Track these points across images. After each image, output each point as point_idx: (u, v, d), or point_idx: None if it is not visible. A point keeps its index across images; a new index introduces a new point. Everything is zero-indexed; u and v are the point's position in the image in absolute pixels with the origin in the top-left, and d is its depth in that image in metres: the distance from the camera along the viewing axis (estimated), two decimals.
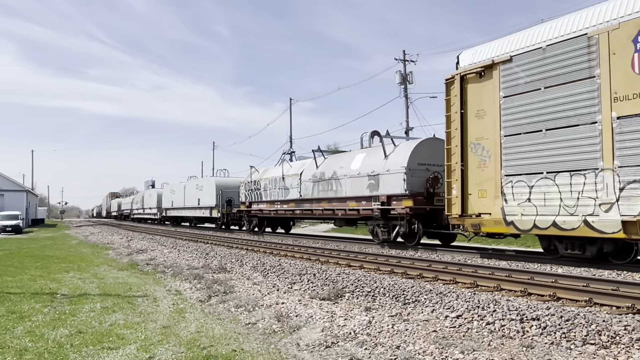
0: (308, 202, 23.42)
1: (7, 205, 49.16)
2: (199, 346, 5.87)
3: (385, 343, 5.92)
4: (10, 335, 6.39)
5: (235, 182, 35.09)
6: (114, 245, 23.22)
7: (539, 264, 12.56)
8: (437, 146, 17.65)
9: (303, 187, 23.83)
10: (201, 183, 38.68)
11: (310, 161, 24.26)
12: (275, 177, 26.80)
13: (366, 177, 19.43)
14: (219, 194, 34.16)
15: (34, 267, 14.19)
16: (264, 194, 27.83)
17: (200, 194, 37.75)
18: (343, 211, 20.63)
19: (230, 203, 33.79)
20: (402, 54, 34.51)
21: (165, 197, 48.14)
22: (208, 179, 37.44)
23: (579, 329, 5.94)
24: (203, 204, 36.96)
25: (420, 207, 17.34)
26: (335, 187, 21.29)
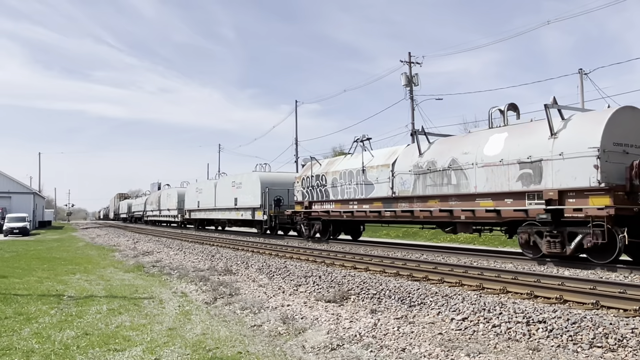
0: (406, 201, 17.71)
1: (14, 208, 49.44)
2: (204, 348, 5.89)
3: (390, 345, 5.91)
4: (17, 337, 6.43)
5: (285, 177, 30.13)
6: (120, 248, 23.30)
7: (546, 266, 12.50)
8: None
9: (398, 181, 18.05)
10: (240, 179, 31.83)
11: (406, 148, 18.92)
12: (349, 169, 21.05)
13: (515, 165, 13.72)
14: (264, 192, 27.96)
15: (41, 269, 14.26)
16: (331, 192, 22.07)
17: (239, 192, 31.31)
18: (469, 213, 15.04)
19: (279, 203, 27.89)
20: (408, 56, 34.46)
21: (189, 197, 41.55)
22: (250, 174, 30.66)
23: (586, 332, 5.90)
24: (242, 204, 30.72)
25: (623, 208, 11.86)
26: (456, 180, 15.57)
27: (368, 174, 19.81)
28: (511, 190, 13.87)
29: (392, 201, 18.47)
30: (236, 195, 31.70)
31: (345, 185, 21.22)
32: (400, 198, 18.06)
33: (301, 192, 24.79)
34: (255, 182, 29.29)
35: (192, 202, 40.87)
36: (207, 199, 36.92)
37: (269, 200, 27.85)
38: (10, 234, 37.45)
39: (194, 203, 40.12)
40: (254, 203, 29.16)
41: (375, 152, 20.56)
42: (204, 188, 38.59)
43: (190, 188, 43.01)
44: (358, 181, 20.40)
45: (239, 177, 32.47)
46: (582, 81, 27.95)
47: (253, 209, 29.46)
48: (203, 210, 38.23)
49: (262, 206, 28.26)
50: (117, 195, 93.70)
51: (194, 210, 40.57)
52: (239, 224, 33.87)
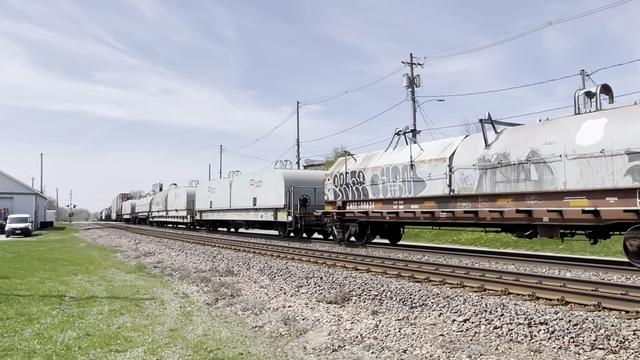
0: (468, 200, 15.24)
1: (16, 208, 49.53)
2: (206, 349, 5.89)
3: (392, 347, 5.90)
4: (19, 338, 6.44)
5: (312, 175, 27.98)
6: (122, 248, 23.33)
7: (547, 267, 12.49)
8: None
9: (457, 177, 15.61)
10: (259, 177, 29.00)
11: (466, 139, 16.42)
12: (393, 165, 18.52)
13: (622, 155, 11.44)
14: (288, 191, 25.23)
15: (43, 270, 14.28)
16: (371, 190, 19.44)
17: (258, 191, 28.62)
18: (555, 214, 12.80)
19: (305, 203, 25.26)
20: (410, 57, 34.47)
21: (201, 197, 38.50)
22: (272, 171, 28.09)
23: (588, 334, 5.89)
24: (263, 205, 27.99)
25: None
26: (537, 175, 13.25)
27: (418, 170, 17.26)
28: (616, 187, 11.50)
29: (449, 200, 15.88)
30: (255, 194, 28.91)
31: (389, 183, 18.61)
32: (460, 197, 15.49)
33: (333, 191, 21.97)
34: (278, 180, 26.37)
35: (203, 202, 37.85)
36: (221, 198, 33.96)
37: (294, 200, 24.96)
38: (12, 235, 37.51)
39: (206, 203, 37.14)
40: (276, 203, 26.40)
41: (425, 144, 18.05)
42: (217, 187, 35.58)
43: (201, 187, 39.84)
44: (405, 178, 17.81)
45: (258, 175, 29.50)
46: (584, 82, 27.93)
47: (275, 210, 26.70)
48: (216, 210, 35.25)
49: (286, 206, 25.45)
50: (120, 196, 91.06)
51: (205, 211, 37.55)
52: (257, 225, 30.69)
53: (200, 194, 38.92)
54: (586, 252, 17.47)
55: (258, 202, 28.61)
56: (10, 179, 54.23)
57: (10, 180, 54.09)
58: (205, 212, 37.58)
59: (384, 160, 19.45)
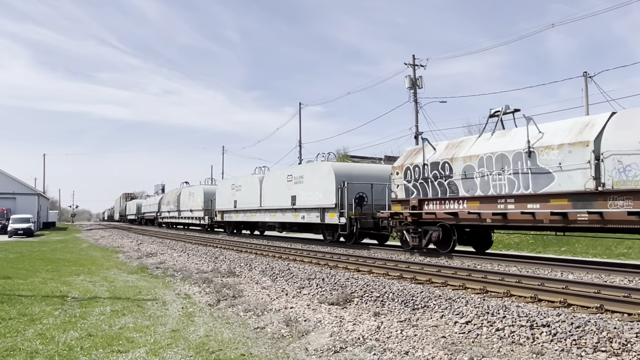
0: (630, 198, 11.52)
1: (19, 209, 49.63)
2: (207, 350, 5.89)
3: (394, 349, 5.90)
4: (21, 338, 6.45)
5: (369, 169, 23.45)
6: (124, 249, 23.36)
7: (550, 269, 12.47)
8: None
9: (609, 166, 11.88)
10: (301, 172, 24.74)
11: (618, 115, 12.41)
12: (499, 152, 14.65)
13: None
14: (340, 187, 20.99)
15: (45, 270, 14.31)
16: (463, 185, 15.62)
17: (299, 188, 24.37)
18: None
19: (361, 202, 21.16)
20: (412, 58, 34.49)
21: (222, 196, 34.17)
22: (317, 164, 23.59)
23: (590, 336, 5.88)
24: (305, 204, 23.71)
25: None
26: None
27: (540, 158, 13.47)
28: None
29: (593, 198, 12.23)
30: (294, 192, 24.65)
31: (491, 176, 14.78)
32: (615, 193, 11.78)
33: (404, 187, 17.80)
34: (326, 174, 21.97)
35: (225, 201, 33.48)
36: (249, 197, 29.93)
37: (348, 199, 20.72)
38: (14, 235, 37.58)
39: (228, 203, 32.76)
40: (323, 202, 22.06)
41: (545, 126, 14.06)
42: (243, 184, 31.21)
43: (223, 185, 35.54)
44: (518, 169, 13.99)
45: (298, 169, 25.38)
46: (587, 84, 27.94)
47: (322, 210, 22.26)
48: (242, 211, 31.04)
49: (337, 206, 21.04)
50: (123, 195, 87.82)
51: (228, 212, 33.19)
52: (294, 228, 26.74)
53: (221, 193, 34.63)
54: (588, 254, 17.44)
55: (298, 201, 24.32)
56: (13, 180, 54.34)
57: (12, 180, 54.20)
58: (228, 213, 33.33)
59: (481, 147, 15.55)
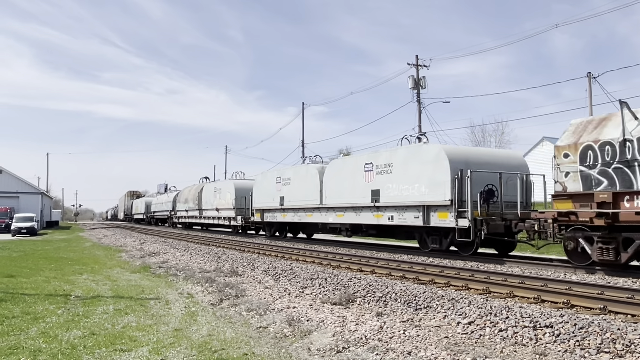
0: None
1: (22, 208, 49.78)
2: (210, 349, 5.90)
3: (396, 349, 5.90)
4: (24, 336, 6.47)
5: (497, 156, 17.86)
6: (127, 248, 23.40)
7: (553, 270, 12.44)
8: None
9: None
10: (389, 158, 18.53)
11: None
12: None
13: None
14: (458, 177, 15.41)
15: (48, 269, 14.35)
16: None
17: (384, 180, 18.49)
18: None
19: (490, 198, 15.48)
20: (415, 58, 34.46)
21: (262, 191, 28.48)
22: (419, 147, 17.73)
23: (593, 337, 5.87)
24: (394, 200, 17.94)
25: None
26: None
27: None
28: None
29: None
30: (377, 184, 18.77)
31: None
32: None
33: (581, 176, 12.61)
34: (434, 159, 16.35)
35: (266, 197, 28.00)
36: (303, 192, 24.39)
37: (472, 194, 14.92)
38: (18, 234, 37.69)
39: (272, 199, 27.24)
40: (429, 197, 16.36)
41: None
42: (294, 177, 25.65)
43: (264, 178, 29.25)
44: None
45: (386, 155, 18.78)
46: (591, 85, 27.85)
47: (425, 208, 16.53)
48: (291, 209, 25.52)
49: (452, 203, 15.48)
50: (128, 194, 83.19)
51: (271, 210, 27.62)
52: (373, 232, 20.61)
53: (261, 188, 28.87)
54: None
55: (383, 196, 18.49)
56: (17, 179, 54.52)
57: (16, 179, 54.38)
58: (271, 212, 27.71)
59: None
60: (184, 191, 47.27)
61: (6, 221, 42.60)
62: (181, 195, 47.16)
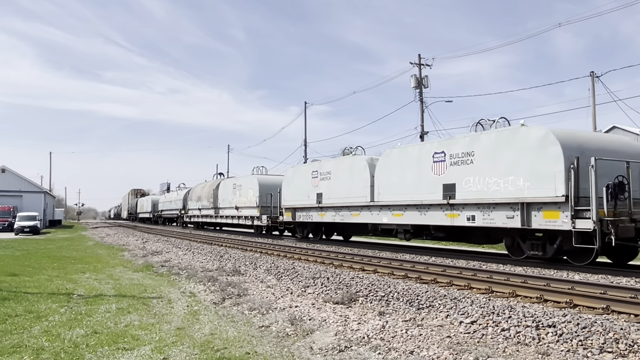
0: None
1: (25, 206, 49.87)
2: (212, 348, 5.90)
3: (398, 348, 5.89)
4: (27, 335, 6.48)
5: (617, 141, 14.97)
6: (130, 247, 23.43)
7: (556, 270, 12.41)
8: None
9: None
10: (466, 146, 15.29)
11: None
12: None
13: None
14: (574, 167, 12.29)
15: (51, 268, 14.38)
16: None
17: (461, 172, 15.27)
18: None
19: (620, 193, 12.24)
20: (418, 57, 34.39)
21: (294, 187, 25.26)
22: (513, 130, 14.19)
23: (596, 337, 5.85)
24: (476, 197, 14.73)
25: None
26: None
27: None
28: None
29: None
30: (450, 178, 15.52)
31: None
32: None
33: None
34: (538, 145, 13.18)
35: (299, 194, 24.70)
36: (347, 188, 20.95)
37: (597, 189, 11.73)
38: (21, 233, 37.78)
39: (307, 196, 23.89)
40: (531, 192, 13.22)
41: None
42: (335, 170, 22.21)
43: (296, 173, 25.75)
44: None
45: (461, 143, 15.41)
46: (594, 84, 27.77)
47: (525, 206, 13.42)
48: (332, 208, 22.14)
49: (568, 199, 12.23)
50: (132, 192, 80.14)
51: (306, 209, 24.32)
52: (441, 234, 17.20)
53: (292, 184, 25.58)
54: None
55: (461, 192, 15.09)
56: (20, 178, 54.66)
57: (19, 178, 54.51)
58: (306, 211, 24.40)
59: None
60: (196, 188, 43.74)
61: (9, 220, 42.73)
62: (193, 192, 43.64)
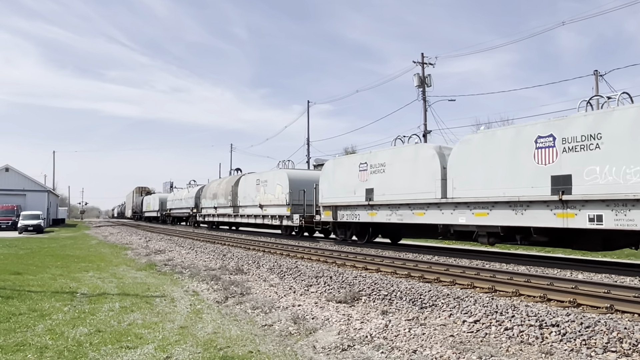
0: None
1: (29, 205, 49.97)
2: (215, 347, 5.91)
3: (401, 347, 5.88)
4: (31, 333, 6.50)
5: None
6: (133, 246, 23.47)
7: (559, 269, 12.39)
8: None
9: None
10: (588, 126, 11.76)
11: None
12: None
13: None
14: None
15: (55, 266, 14.41)
16: None
17: (580, 160, 11.93)
18: None
19: None
20: (421, 56, 34.33)
21: (336, 183, 21.56)
22: None
23: (600, 336, 5.84)
24: (615, 192, 11.11)
25: None
26: None
27: None
28: None
29: None
30: (560, 168, 12.47)
31: None
32: None
33: None
34: None
35: (341, 190, 20.97)
36: (408, 182, 17.52)
37: None
38: (24, 231, 37.90)
39: (352, 192, 20.22)
40: None
41: None
42: (391, 162, 18.64)
43: (337, 166, 22.02)
44: None
45: (577, 123, 12.19)
46: (598, 83, 27.69)
47: None
48: (387, 206, 18.57)
49: None
50: (137, 190, 76.49)
51: (350, 207, 20.55)
52: (546, 238, 13.47)
53: (333, 178, 21.75)
54: (598, 254, 17.29)
55: (579, 185, 12.02)
56: (23, 176, 54.77)
57: (23, 177, 54.63)
58: (352, 209, 20.55)
59: None
60: (211, 185, 40.08)
61: (13, 219, 42.86)
62: (207, 189, 39.88)
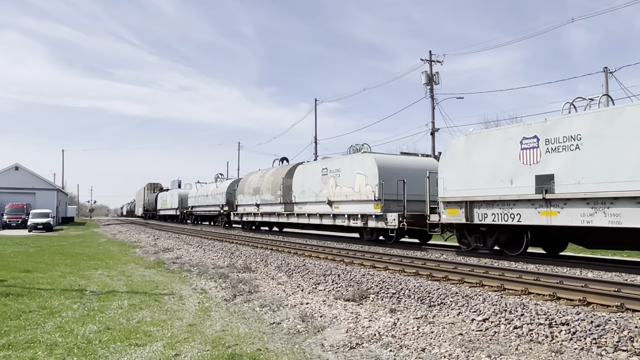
0: None
1: (38, 204, 50.33)
2: (224, 344, 5.92)
3: (410, 345, 5.87)
4: (41, 331, 6.54)
5: None
6: (141, 244, 23.57)
7: (568, 267, 12.30)
8: None
9: None
10: None
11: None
12: None
13: None
14: None
15: (64, 264, 14.50)
16: None
17: None
18: None
19: None
20: (429, 54, 34.19)
21: (464, 170, 15.56)
22: None
23: (610, 335, 5.79)
24: None
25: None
26: None
27: None
28: None
29: None
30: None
31: None
32: None
33: None
34: None
35: (480, 178, 15.00)
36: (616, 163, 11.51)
37: None
38: (34, 230, 38.18)
39: (499, 181, 14.36)
40: None
41: None
42: (589, 132, 12.10)
43: (474, 143, 15.46)
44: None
45: None
46: (607, 80, 27.45)
47: None
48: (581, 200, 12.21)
49: None
50: (148, 186, 71.67)
51: (496, 203, 14.51)
52: None
53: (466, 162, 15.58)
54: (608, 252, 17.16)
55: None
56: (33, 175, 55.16)
57: (32, 176, 55.02)
58: (499, 206, 14.46)
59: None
60: (250, 178, 33.34)
61: (23, 217, 43.20)
62: (245, 183, 33.43)
